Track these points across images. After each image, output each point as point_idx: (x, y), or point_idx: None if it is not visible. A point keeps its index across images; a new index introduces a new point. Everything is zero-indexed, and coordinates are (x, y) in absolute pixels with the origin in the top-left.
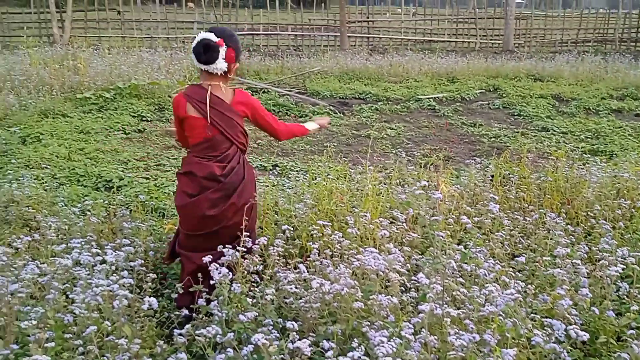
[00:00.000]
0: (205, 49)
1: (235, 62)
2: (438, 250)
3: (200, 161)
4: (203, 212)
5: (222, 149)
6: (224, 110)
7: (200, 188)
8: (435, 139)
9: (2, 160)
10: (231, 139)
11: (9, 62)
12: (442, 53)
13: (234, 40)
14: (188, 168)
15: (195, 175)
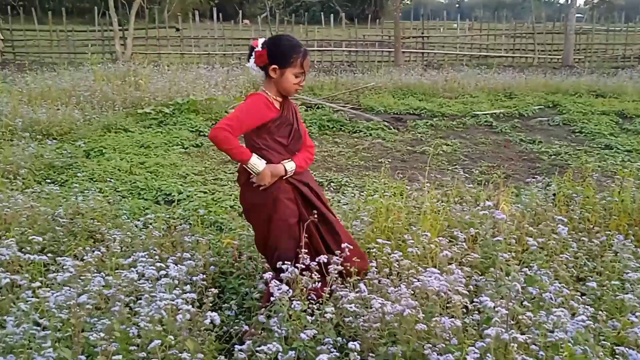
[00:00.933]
0: (249, 50)
1: (271, 64)
2: (501, 272)
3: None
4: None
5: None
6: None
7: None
8: (493, 156)
9: (68, 173)
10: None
11: (74, 78)
12: (498, 68)
13: (274, 44)
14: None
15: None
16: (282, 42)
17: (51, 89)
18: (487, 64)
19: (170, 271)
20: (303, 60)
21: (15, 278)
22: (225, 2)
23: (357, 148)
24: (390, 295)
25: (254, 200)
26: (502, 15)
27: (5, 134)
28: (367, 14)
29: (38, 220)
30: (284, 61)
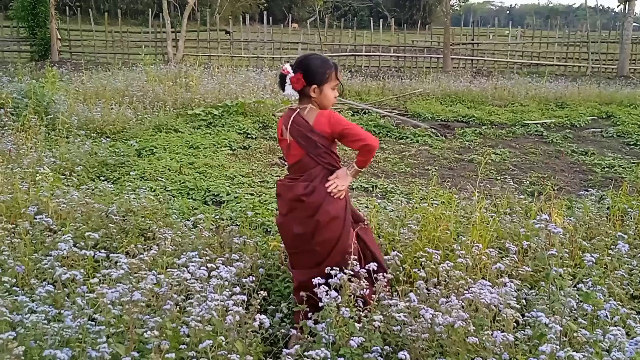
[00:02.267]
0: (279, 78)
1: (310, 85)
2: (554, 287)
3: (287, 183)
4: (292, 232)
5: (308, 169)
6: (306, 131)
7: (289, 208)
8: (544, 166)
9: (120, 171)
10: (315, 159)
11: (128, 78)
12: (550, 77)
13: (304, 65)
14: (278, 190)
15: (282, 196)
16: (314, 62)
17: (105, 89)
18: (539, 73)
19: (221, 272)
20: (336, 72)
21: (75, 273)
22: (274, 6)
23: (403, 154)
24: (439, 306)
25: (337, 213)
26: (555, 22)
27: (61, 132)
28: (416, 19)
29: (92, 217)
30: (321, 78)
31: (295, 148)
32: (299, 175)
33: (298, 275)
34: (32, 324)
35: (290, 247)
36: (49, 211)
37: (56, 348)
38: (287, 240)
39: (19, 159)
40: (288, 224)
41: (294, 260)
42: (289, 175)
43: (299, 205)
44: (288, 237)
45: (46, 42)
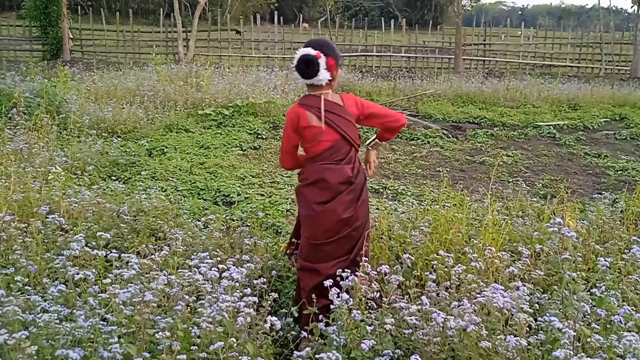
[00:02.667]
0: (307, 64)
1: (337, 69)
2: (567, 292)
3: (330, 167)
4: (339, 216)
5: (344, 151)
6: (343, 114)
7: (333, 193)
8: (556, 169)
9: (131, 170)
10: (351, 141)
11: (139, 78)
12: (563, 78)
13: (332, 48)
14: (317, 176)
15: (327, 182)
16: (334, 45)
17: (117, 88)
18: (551, 74)
19: (232, 273)
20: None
21: (88, 273)
22: (285, 6)
23: (414, 156)
24: (451, 310)
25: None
26: (567, 23)
27: (73, 131)
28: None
29: (103, 217)
30: (339, 63)
31: (329, 133)
32: (337, 159)
33: (327, 268)
34: (44, 324)
35: (329, 236)
36: (60, 210)
37: (68, 348)
38: (325, 228)
39: (31, 158)
40: (333, 209)
41: (326, 252)
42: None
43: (346, 188)
44: (328, 225)
45: (58, 41)
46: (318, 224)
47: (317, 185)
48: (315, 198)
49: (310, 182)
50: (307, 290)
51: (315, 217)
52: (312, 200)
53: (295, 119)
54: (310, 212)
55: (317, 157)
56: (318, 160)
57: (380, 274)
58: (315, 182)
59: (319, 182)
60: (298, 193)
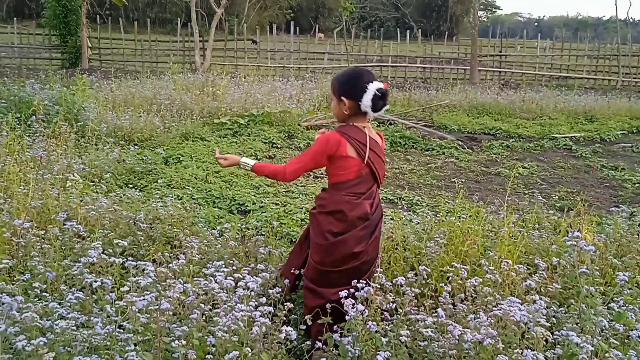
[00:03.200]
0: (383, 98)
1: None
2: (584, 306)
3: (350, 200)
4: (350, 250)
5: (369, 186)
6: (379, 153)
7: (347, 226)
8: (572, 181)
9: (147, 178)
10: (378, 178)
11: (156, 87)
12: (579, 90)
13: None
14: (336, 207)
15: (345, 214)
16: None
17: (134, 97)
18: (568, 85)
19: (248, 282)
20: None
21: (106, 281)
22: (301, 16)
23: (429, 166)
24: (467, 322)
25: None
26: (584, 35)
27: (91, 139)
28: (442, 30)
29: (120, 224)
30: None
31: (363, 167)
32: (357, 192)
33: (329, 294)
34: (61, 330)
35: (335, 265)
36: (78, 218)
37: (85, 355)
38: (334, 258)
39: (49, 165)
40: (345, 241)
41: (330, 279)
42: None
43: (362, 223)
44: (338, 256)
45: (77, 50)
46: (328, 252)
47: (334, 215)
48: (329, 227)
49: (327, 211)
50: (309, 308)
51: (326, 246)
52: (326, 229)
53: (336, 146)
54: (322, 241)
55: (341, 184)
56: (342, 188)
57: (395, 285)
58: (333, 213)
59: (337, 213)
60: (314, 217)
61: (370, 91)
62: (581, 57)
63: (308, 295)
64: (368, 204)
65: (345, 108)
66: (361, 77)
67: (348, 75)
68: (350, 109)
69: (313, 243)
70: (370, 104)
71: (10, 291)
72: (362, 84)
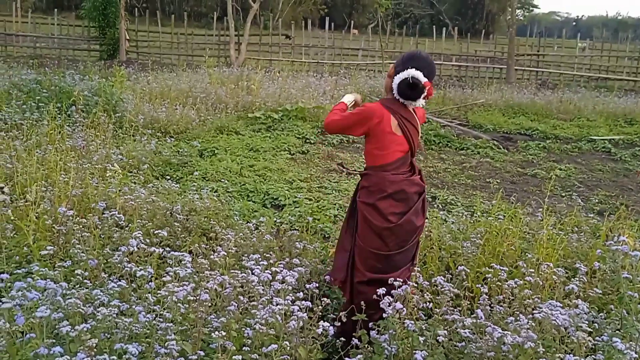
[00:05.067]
0: (413, 88)
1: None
2: (626, 312)
3: (407, 178)
4: (415, 225)
5: (410, 162)
6: (417, 125)
7: (409, 204)
8: (611, 184)
9: (183, 170)
10: (415, 152)
11: (192, 80)
12: (619, 92)
13: (433, 71)
14: (396, 187)
15: (406, 192)
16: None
17: (170, 89)
18: (607, 87)
19: (287, 277)
20: None
21: (150, 271)
22: (335, 11)
23: (464, 166)
24: (507, 325)
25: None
26: (624, 35)
27: (128, 130)
28: (478, 28)
29: (157, 214)
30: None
31: (402, 144)
32: (402, 171)
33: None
34: (103, 317)
35: (401, 245)
36: (116, 207)
37: (126, 342)
38: (401, 238)
39: (88, 154)
40: (410, 220)
41: (395, 261)
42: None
43: (418, 197)
44: (404, 235)
45: (115, 42)
46: (394, 234)
47: (394, 196)
48: (392, 209)
49: (387, 193)
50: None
51: (392, 229)
52: (389, 212)
53: (378, 119)
54: (387, 224)
55: (387, 165)
56: (389, 169)
57: (432, 285)
58: (394, 194)
59: (398, 193)
60: (367, 206)
61: (402, 75)
62: (621, 59)
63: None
64: (418, 178)
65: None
66: (412, 60)
67: (411, 54)
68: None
69: (372, 231)
70: (397, 88)
71: (53, 277)
72: (405, 65)
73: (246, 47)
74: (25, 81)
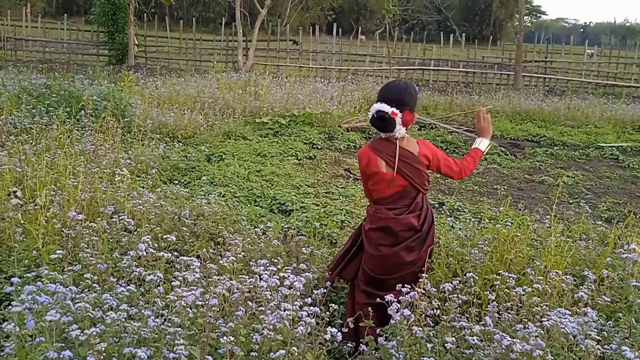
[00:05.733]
0: (382, 120)
1: (414, 115)
2: (634, 320)
3: (394, 216)
4: (403, 260)
5: (410, 197)
6: (413, 162)
7: (397, 239)
8: (619, 192)
9: (190, 175)
10: (419, 188)
11: (200, 85)
12: (627, 99)
13: (408, 98)
14: (382, 224)
15: (392, 229)
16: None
17: (178, 94)
18: (615, 94)
19: (295, 282)
20: None
21: (160, 275)
22: (342, 17)
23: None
24: (515, 332)
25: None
26: (632, 42)
27: (137, 134)
28: (485, 34)
29: (165, 219)
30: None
31: (399, 180)
32: (400, 205)
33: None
34: (111, 321)
35: (387, 274)
36: (125, 211)
37: (134, 347)
38: (389, 268)
39: (97, 159)
40: (398, 253)
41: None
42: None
43: (411, 235)
44: (391, 266)
45: (124, 47)
46: (382, 263)
47: (382, 231)
48: (381, 241)
49: (376, 227)
50: (359, 306)
51: (380, 257)
52: (378, 243)
53: (366, 163)
54: (376, 252)
55: (383, 199)
56: (383, 203)
57: (439, 291)
58: (380, 229)
59: (384, 229)
60: (365, 232)
61: (371, 109)
62: (629, 65)
63: (360, 295)
64: (414, 217)
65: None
66: (380, 92)
67: (383, 87)
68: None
69: (367, 253)
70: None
71: (62, 281)
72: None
73: (254, 53)
74: (35, 85)
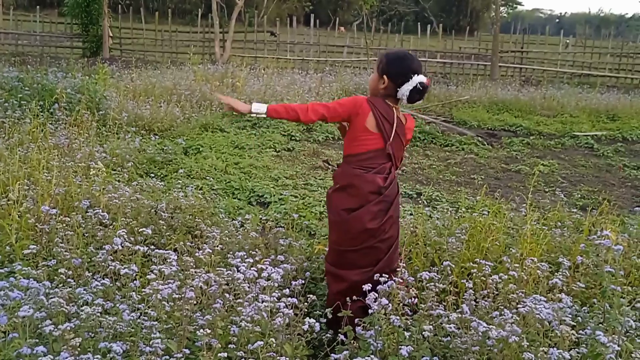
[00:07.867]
0: (422, 94)
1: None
2: (608, 305)
3: (361, 174)
4: (364, 226)
5: (381, 162)
6: (400, 133)
7: (361, 201)
8: (594, 180)
9: (167, 168)
10: (393, 157)
11: (176, 77)
12: (602, 88)
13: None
14: (348, 181)
15: (357, 188)
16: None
17: (154, 87)
18: (590, 83)
19: (273, 274)
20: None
21: (134, 268)
22: (320, 9)
23: (448, 162)
24: (491, 319)
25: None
26: (607, 32)
27: (112, 128)
28: (462, 25)
29: (141, 213)
30: None
31: (378, 141)
32: (368, 166)
33: (351, 275)
34: (86, 316)
35: (353, 244)
36: (100, 205)
37: (110, 341)
38: (351, 235)
39: (71, 152)
40: (359, 218)
41: (350, 259)
42: (353, 165)
43: (375, 198)
44: (354, 232)
45: (98, 39)
46: (343, 230)
47: (346, 190)
48: (343, 204)
49: (340, 186)
50: (333, 294)
51: (341, 223)
52: (340, 206)
53: (359, 110)
54: (337, 218)
55: (352, 156)
56: (352, 162)
57: (417, 280)
58: (345, 188)
59: (348, 187)
60: (329, 197)
61: (412, 82)
62: (604, 55)
63: (330, 280)
64: (380, 178)
65: (383, 87)
66: (411, 64)
67: (399, 56)
68: (387, 89)
69: (330, 223)
70: (407, 95)
71: (36, 276)
72: (408, 71)
73: (231, 44)
74: (7, 79)
